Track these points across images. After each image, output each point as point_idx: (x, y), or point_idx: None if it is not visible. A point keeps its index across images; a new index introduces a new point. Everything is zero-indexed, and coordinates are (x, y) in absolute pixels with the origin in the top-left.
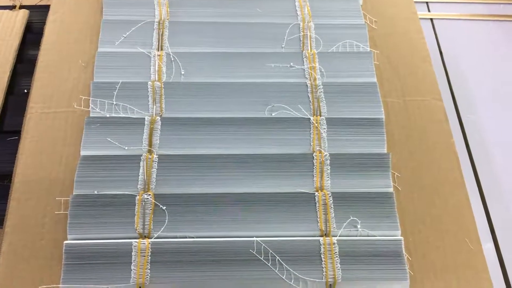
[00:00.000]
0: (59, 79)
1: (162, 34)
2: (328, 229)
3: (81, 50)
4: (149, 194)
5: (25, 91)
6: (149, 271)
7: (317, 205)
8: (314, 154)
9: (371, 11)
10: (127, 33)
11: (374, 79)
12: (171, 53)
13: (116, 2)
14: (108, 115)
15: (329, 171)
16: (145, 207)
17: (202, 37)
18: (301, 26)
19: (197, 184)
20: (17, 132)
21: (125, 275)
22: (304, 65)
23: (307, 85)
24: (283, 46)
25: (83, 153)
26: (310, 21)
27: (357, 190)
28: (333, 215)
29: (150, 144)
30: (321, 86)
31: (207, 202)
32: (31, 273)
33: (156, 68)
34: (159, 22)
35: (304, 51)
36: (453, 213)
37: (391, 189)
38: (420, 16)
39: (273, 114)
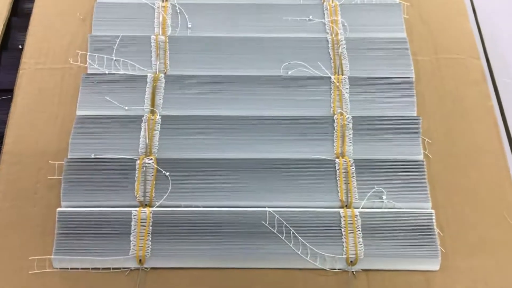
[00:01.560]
0: (55, 33)
1: None
2: (349, 200)
3: (79, 2)
4: (151, 159)
5: (20, 46)
6: (150, 242)
7: (337, 173)
8: (335, 116)
9: None
10: None
11: (404, 34)
12: (176, 4)
13: None
14: (107, 72)
15: (351, 136)
16: (146, 173)
17: None
18: None
19: (204, 149)
20: (11, 91)
21: (124, 246)
22: (324, 18)
23: (327, 41)
24: None
25: (79, 113)
26: None
27: (382, 157)
28: (355, 184)
29: (153, 104)
30: (344, 42)
31: (215, 168)
32: (21, 242)
33: (160, 21)
34: None
35: (324, 3)
36: (490, 184)
37: (421, 157)
38: None
39: (289, 73)
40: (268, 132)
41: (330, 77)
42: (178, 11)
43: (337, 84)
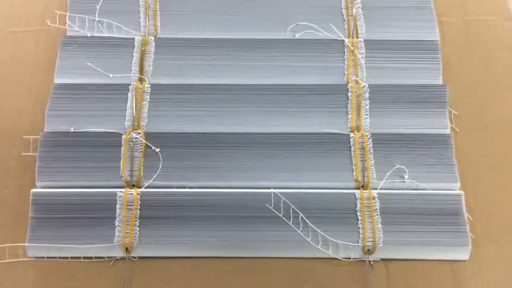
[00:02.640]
0: None
1: None
2: (366, 180)
3: None
4: (139, 133)
5: None
6: (137, 228)
7: (352, 149)
8: (349, 85)
9: None
10: None
11: None
12: None
13: None
14: (89, 35)
15: (367, 107)
16: (133, 149)
17: None
18: None
19: (199, 122)
20: None
21: (108, 233)
22: None
23: (340, 0)
24: None
25: (57, 80)
26: None
27: (403, 130)
28: (372, 162)
29: (141, 71)
30: (358, 1)
31: (212, 143)
32: None
33: None
34: None
35: None
36: None
37: (447, 130)
38: None
39: (296, 35)
40: (271, 103)
41: (343, 41)
42: None
43: (352, 48)
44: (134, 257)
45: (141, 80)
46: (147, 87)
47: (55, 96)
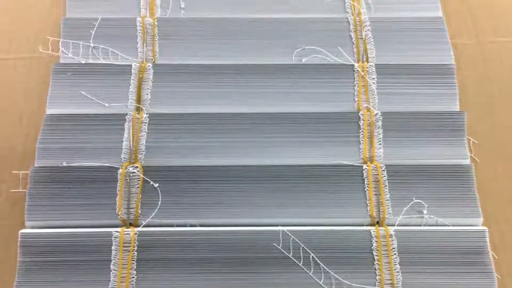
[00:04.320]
0: (23, 15)
1: None
2: (381, 216)
3: None
4: (137, 167)
5: None
6: (134, 272)
7: (365, 182)
8: (361, 113)
9: None
10: None
11: (439, 13)
12: None
13: None
14: (83, 61)
15: (381, 136)
16: (130, 184)
17: None
18: None
19: (202, 153)
20: None
21: (103, 277)
22: None
23: (348, 21)
24: None
25: (49, 111)
26: None
27: (420, 161)
28: (387, 196)
29: (139, 99)
30: (368, 23)
31: (215, 177)
32: None
33: (148, 0)
34: None
35: None
36: None
37: (467, 161)
38: None
39: (303, 60)
40: (279, 132)
41: (353, 65)
42: None
43: (362, 73)
44: None
45: (138, 109)
46: (145, 117)
47: (47, 128)
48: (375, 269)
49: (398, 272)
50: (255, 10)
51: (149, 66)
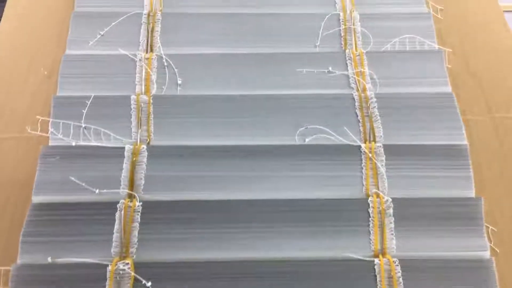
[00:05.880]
0: (11, 93)
1: (152, 30)
2: None
3: (44, 53)
4: (127, 263)
5: None
6: None
7: (378, 278)
8: (370, 199)
9: None
10: (106, 29)
11: (448, 89)
12: (163, 56)
13: None
14: (73, 144)
15: (392, 226)
16: (120, 283)
17: (206, 33)
18: (341, 17)
19: (199, 247)
20: None
21: None
22: (348, 70)
23: (353, 98)
24: (317, 44)
25: (35, 199)
26: (353, 10)
27: (435, 254)
28: None
29: (132, 185)
30: (374, 100)
31: (215, 275)
32: None
33: (143, 77)
34: (148, 14)
35: (347, 51)
36: None
37: (487, 253)
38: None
39: (306, 140)
40: (279, 222)
41: (359, 146)
42: (165, 64)
43: (369, 155)
44: None
45: (131, 196)
46: (138, 206)
47: (32, 218)
48: None
49: None
50: (254, 86)
51: (143, 148)
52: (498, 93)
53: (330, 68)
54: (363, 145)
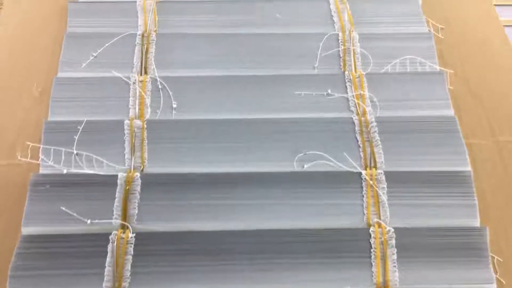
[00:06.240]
0: (1, 116)
1: (146, 52)
2: None
3: (36, 73)
4: None
5: None
6: None
7: None
8: (372, 229)
9: (434, 14)
10: (99, 51)
11: (451, 112)
12: (158, 78)
13: (85, 8)
14: (65, 171)
15: (395, 257)
16: None
17: (202, 54)
18: (340, 37)
19: (193, 281)
20: None
21: None
22: (347, 93)
23: (353, 122)
24: (315, 66)
25: (24, 230)
26: (352, 30)
27: (439, 286)
28: None
29: (125, 215)
30: (374, 124)
31: None
32: None
33: (137, 100)
34: (142, 35)
35: (346, 72)
36: None
37: (493, 286)
38: (504, 23)
39: (305, 167)
40: (277, 253)
41: (360, 173)
42: (160, 87)
43: (370, 182)
44: None
45: (123, 227)
46: (131, 237)
47: (21, 251)
48: None
49: None
50: (251, 109)
51: (136, 176)
52: (501, 115)
53: (329, 91)
54: (363, 172)
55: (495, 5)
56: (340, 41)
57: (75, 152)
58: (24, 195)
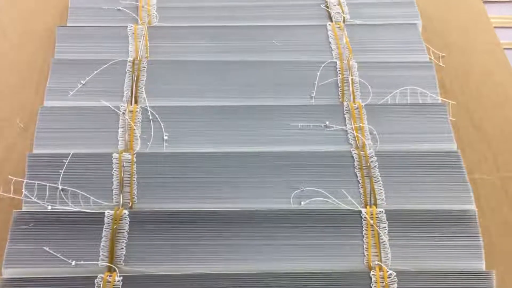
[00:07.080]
0: None
1: (137, 80)
2: None
3: (20, 103)
4: None
5: None
6: None
7: None
8: (372, 273)
9: (435, 41)
10: (87, 78)
11: (454, 146)
12: (149, 108)
13: (73, 33)
14: (49, 208)
15: None
16: None
17: (194, 83)
18: (338, 66)
19: None
20: None
21: None
22: (346, 125)
23: (352, 156)
24: (312, 95)
25: (5, 272)
26: (350, 58)
27: None
28: None
29: (112, 256)
30: (375, 158)
31: None
32: None
33: (127, 132)
34: (133, 62)
35: (345, 103)
36: None
37: None
38: (506, 47)
39: (302, 204)
40: None
41: (360, 211)
42: (150, 117)
43: (371, 221)
44: None
45: (110, 269)
46: (118, 281)
47: None
48: None
49: None
50: (246, 142)
51: (125, 213)
52: (506, 148)
53: (327, 123)
54: (363, 211)
55: (495, 27)
56: (338, 69)
57: (60, 187)
58: (5, 233)
